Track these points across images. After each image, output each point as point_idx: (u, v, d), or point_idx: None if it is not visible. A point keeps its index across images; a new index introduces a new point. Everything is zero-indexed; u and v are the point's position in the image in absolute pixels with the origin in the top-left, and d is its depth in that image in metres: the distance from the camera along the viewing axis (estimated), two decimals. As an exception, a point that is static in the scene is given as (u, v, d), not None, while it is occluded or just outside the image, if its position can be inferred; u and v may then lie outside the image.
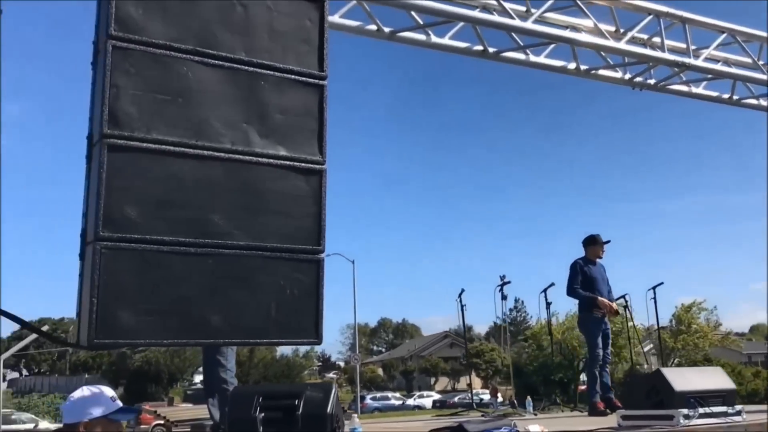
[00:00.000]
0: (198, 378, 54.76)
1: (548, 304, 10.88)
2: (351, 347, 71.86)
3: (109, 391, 3.27)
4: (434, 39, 5.31)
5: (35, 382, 76.49)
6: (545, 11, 6.57)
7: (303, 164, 3.41)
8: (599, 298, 8.81)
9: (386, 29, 5.11)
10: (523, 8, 6.37)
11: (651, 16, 7.02)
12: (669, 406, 5.65)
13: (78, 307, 3.11)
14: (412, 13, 5.15)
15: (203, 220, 3.16)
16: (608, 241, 9.29)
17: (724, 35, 8.20)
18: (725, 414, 5.80)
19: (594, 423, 7.00)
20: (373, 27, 5.20)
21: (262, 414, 3.91)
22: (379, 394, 56.18)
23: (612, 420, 6.62)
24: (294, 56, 3.45)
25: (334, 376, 64.62)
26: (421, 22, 5.14)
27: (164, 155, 3.11)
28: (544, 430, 5.47)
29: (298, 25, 3.49)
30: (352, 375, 59.57)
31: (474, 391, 19.87)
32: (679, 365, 33.49)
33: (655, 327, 15.02)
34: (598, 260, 9.18)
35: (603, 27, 7.58)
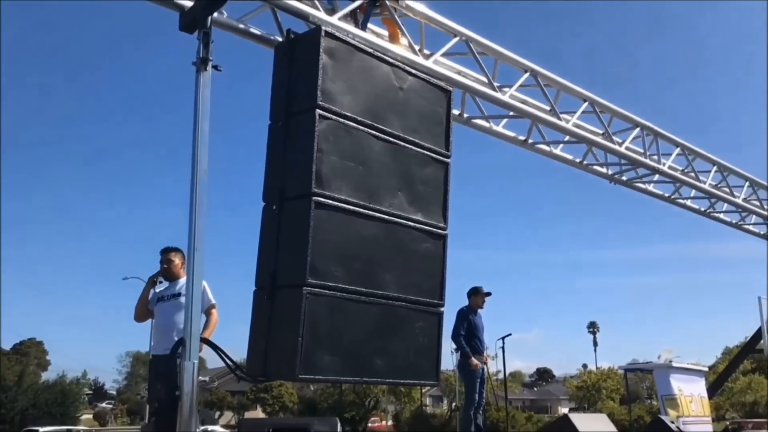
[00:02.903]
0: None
1: None
2: (128, 376, 67.93)
3: None
4: (494, 127, 6.00)
5: None
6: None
7: (434, 229, 3.99)
8: (472, 359, 9.62)
9: (465, 115, 5.73)
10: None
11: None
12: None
13: (259, 342, 3.43)
14: (478, 101, 5.81)
15: (370, 272, 3.63)
16: (489, 294, 10.28)
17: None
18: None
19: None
20: (456, 111, 5.79)
21: None
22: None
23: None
24: (430, 136, 4.03)
25: (108, 406, 60.58)
26: (486, 113, 5.83)
27: (349, 214, 3.55)
28: None
29: (433, 110, 4.09)
30: (132, 406, 56.37)
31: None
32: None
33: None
34: (479, 310, 10.14)
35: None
